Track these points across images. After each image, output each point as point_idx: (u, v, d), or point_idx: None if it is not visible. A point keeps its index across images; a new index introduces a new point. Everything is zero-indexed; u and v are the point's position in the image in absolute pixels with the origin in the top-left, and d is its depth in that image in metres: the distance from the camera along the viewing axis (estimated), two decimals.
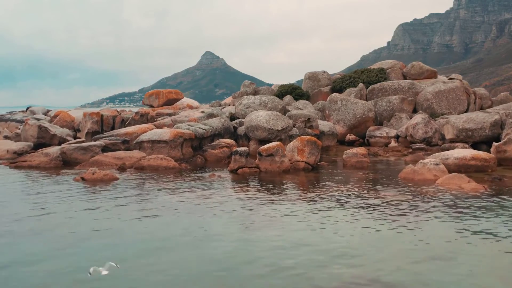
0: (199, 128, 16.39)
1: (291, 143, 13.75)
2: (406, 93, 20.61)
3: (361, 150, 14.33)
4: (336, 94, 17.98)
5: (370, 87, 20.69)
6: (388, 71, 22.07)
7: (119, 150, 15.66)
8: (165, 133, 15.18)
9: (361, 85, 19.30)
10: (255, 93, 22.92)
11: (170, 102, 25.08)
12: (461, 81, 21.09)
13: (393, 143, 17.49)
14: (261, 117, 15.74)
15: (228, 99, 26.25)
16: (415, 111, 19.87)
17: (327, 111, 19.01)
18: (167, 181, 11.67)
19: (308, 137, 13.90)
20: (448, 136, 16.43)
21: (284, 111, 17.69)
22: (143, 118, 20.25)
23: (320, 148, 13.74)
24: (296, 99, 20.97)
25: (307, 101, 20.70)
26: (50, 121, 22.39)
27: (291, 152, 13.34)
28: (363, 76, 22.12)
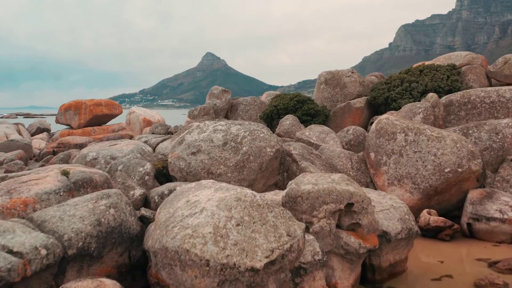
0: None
1: None
2: None
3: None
4: (391, 117, 8.48)
5: (444, 100, 10.10)
6: (464, 70, 12.34)
7: None
8: None
9: (433, 96, 9.51)
10: (230, 108, 12.63)
11: (99, 119, 16.00)
12: None
13: None
14: (204, 217, 3.59)
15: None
16: None
17: (371, 154, 8.07)
18: None
19: None
20: None
21: (280, 161, 6.98)
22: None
23: None
24: (305, 122, 10.70)
25: (325, 128, 9.62)
26: None
27: None
28: (424, 79, 11.59)
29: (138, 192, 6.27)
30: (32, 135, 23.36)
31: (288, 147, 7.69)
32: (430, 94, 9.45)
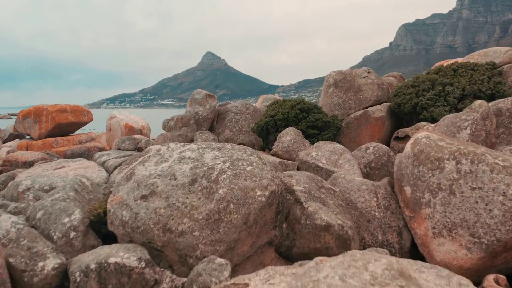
0: None
1: None
2: None
3: None
4: (432, 136, 6.26)
5: (492, 106, 7.76)
6: (506, 69, 9.63)
7: None
8: None
9: (483, 104, 7.01)
10: (217, 117, 9.91)
11: (64, 129, 13.48)
12: None
13: None
14: None
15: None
16: None
17: (406, 189, 5.39)
18: None
19: None
20: None
21: (277, 208, 4.43)
22: None
23: None
24: (311, 137, 8.35)
25: (337, 146, 7.25)
26: None
27: None
28: (460, 81, 8.94)
29: (50, 263, 3.94)
30: (4, 142, 20.86)
31: (289, 180, 5.33)
32: (478, 102, 7.03)
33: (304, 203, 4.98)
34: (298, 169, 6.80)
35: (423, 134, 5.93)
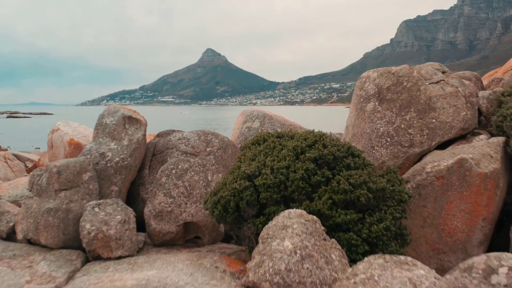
0: None
1: None
2: None
3: None
4: None
5: None
6: None
7: None
8: None
9: None
10: (150, 159, 4.85)
11: None
12: None
13: None
14: None
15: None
16: None
17: None
18: None
19: None
20: None
21: None
22: None
23: None
24: (344, 233, 3.28)
25: (414, 272, 2.46)
26: None
27: None
28: None
29: None
30: None
31: None
32: None
33: None
34: None
35: None
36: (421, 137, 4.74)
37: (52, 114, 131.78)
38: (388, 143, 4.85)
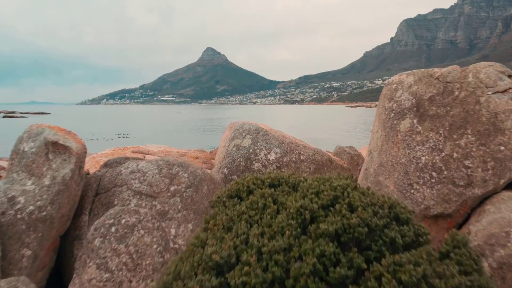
0: None
1: None
2: None
3: None
4: None
5: None
6: None
7: None
8: None
9: None
10: (95, 199, 3.38)
11: None
12: None
13: None
14: None
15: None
16: None
17: None
18: None
19: None
20: None
21: None
22: None
23: None
24: None
25: None
26: None
27: None
28: None
29: None
30: None
31: None
32: None
33: None
34: None
35: None
36: (483, 172, 3.21)
37: (49, 113, 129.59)
38: (434, 180, 3.32)
